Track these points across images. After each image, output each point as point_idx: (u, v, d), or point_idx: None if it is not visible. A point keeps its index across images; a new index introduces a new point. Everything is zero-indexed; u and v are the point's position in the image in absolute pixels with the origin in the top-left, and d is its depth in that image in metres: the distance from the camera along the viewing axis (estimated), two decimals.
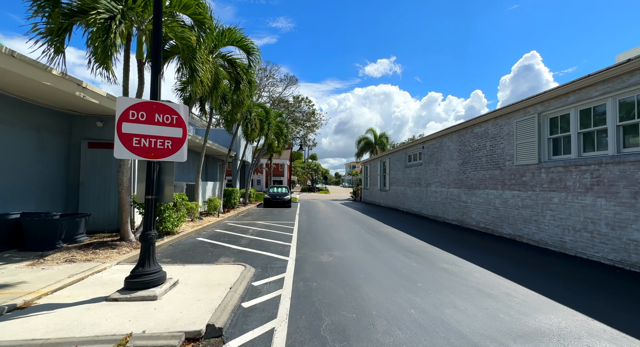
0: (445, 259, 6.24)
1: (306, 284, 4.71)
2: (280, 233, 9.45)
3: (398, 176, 17.81)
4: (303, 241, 8.29)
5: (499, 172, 8.55)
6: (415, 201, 14.96)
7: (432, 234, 9.54)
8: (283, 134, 20.12)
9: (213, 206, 12.36)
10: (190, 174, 16.42)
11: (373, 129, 36.39)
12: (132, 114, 3.94)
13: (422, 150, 14.24)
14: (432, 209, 13.07)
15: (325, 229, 10.38)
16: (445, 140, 11.92)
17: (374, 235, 9.29)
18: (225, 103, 10.60)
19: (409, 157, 16.48)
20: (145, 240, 3.93)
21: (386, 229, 10.42)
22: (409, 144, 16.08)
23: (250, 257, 6.33)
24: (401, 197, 17.21)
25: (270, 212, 16.24)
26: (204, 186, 13.29)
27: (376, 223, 12.07)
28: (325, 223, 12.06)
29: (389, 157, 19.62)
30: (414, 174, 15.29)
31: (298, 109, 28.76)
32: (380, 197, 21.69)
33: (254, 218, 13.30)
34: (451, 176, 11.38)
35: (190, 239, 8.17)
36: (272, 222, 11.87)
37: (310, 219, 13.17)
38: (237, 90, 8.24)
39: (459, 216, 10.79)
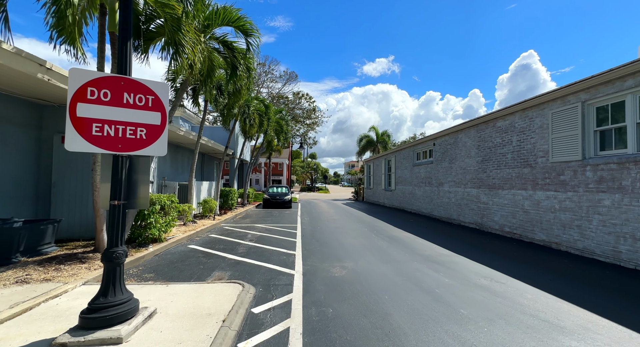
0: (479, 273, 5.29)
1: (320, 310, 3.75)
2: (283, 239, 8.48)
3: (405, 175, 16.87)
4: (309, 248, 7.33)
5: (529, 170, 7.62)
6: (425, 202, 14.03)
7: (451, 239, 8.60)
8: (283, 131, 19.14)
9: (208, 208, 11.38)
10: (185, 173, 15.41)
11: (375, 127, 35.46)
12: (90, 92, 2.96)
13: (433, 148, 13.30)
14: (445, 211, 12.14)
15: (331, 234, 9.42)
16: (460, 136, 10.98)
17: (387, 240, 8.34)
18: (221, 95, 9.62)
19: (417, 155, 15.53)
20: (109, 259, 2.95)
21: (399, 233, 9.48)
22: (417, 141, 15.14)
23: (249, 270, 5.36)
24: (409, 197, 16.27)
25: (270, 213, 15.27)
26: (199, 186, 12.30)
27: (386, 226, 11.12)
28: (330, 226, 11.11)
29: (395, 155, 18.68)
30: (423, 172, 14.35)
31: (298, 106, 27.72)
32: (384, 197, 20.75)
33: (253, 220, 12.33)
34: (468, 175, 10.44)
35: (181, 246, 7.18)
36: (272, 226, 10.90)
37: (313, 222, 12.21)
38: (233, 76, 7.27)
39: (478, 219, 9.85)
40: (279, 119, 18.80)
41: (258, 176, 57.48)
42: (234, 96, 8.89)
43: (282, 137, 19.21)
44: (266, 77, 26.47)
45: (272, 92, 27.02)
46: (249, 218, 13.19)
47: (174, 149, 13.94)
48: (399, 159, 17.94)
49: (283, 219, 12.91)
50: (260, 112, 12.82)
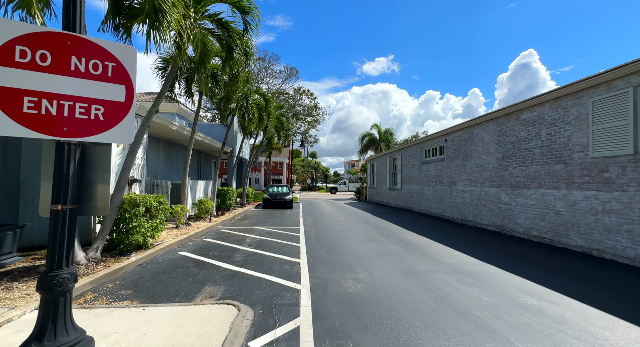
0: (522, 288, 4.45)
1: (336, 343, 2.91)
2: (285, 243, 7.65)
3: (412, 174, 16.03)
4: (315, 254, 6.50)
5: (563, 167, 6.78)
6: (436, 202, 13.20)
7: (471, 244, 7.77)
8: (284, 128, 18.29)
9: (204, 209, 10.54)
10: (181, 172, 14.56)
11: (377, 125, 34.61)
12: (21, 52, 2.11)
13: (445, 144, 12.46)
14: (458, 212, 11.30)
15: (338, 237, 8.59)
16: (477, 130, 10.14)
17: (400, 245, 7.51)
18: (217, 85, 8.77)
19: (426, 152, 14.69)
20: (47, 287, 2.11)
21: (411, 237, 8.64)
22: (426, 138, 14.30)
23: (247, 284, 4.53)
24: (416, 197, 15.44)
25: (271, 214, 14.43)
26: (194, 186, 11.45)
27: (395, 228, 10.28)
28: (335, 228, 10.28)
29: (401, 153, 17.84)
30: (433, 171, 13.52)
31: (299, 103, 26.85)
32: (390, 197, 19.92)
33: (252, 222, 11.49)
34: (486, 173, 9.60)
35: (170, 253, 6.34)
36: (273, 228, 10.07)
37: (317, 223, 11.38)
38: (229, 60, 6.41)
39: (498, 221, 9.02)
40: (279, 115, 17.96)
41: (258, 175, 56.63)
42: (231, 85, 8.03)
43: (283, 134, 18.37)
44: (266, 73, 25.63)
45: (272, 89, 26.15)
46: (248, 219, 12.36)
47: (167, 146, 13.10)
48: (406, 157, 17.10)
49: (284, 221, 12.08)
50: (259, 106, 11.99)
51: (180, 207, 8.58)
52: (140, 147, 7.81)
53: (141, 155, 7.83)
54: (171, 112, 19.43)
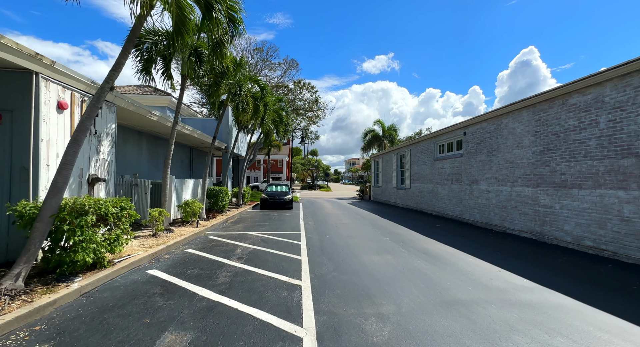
0: (628, 336, 3.07)
1: None
2: (283, 255, 6.28)
3: (424, 171, 14.64)
4: (320, 272, 5.13)
5: (633, 161, 5.39)
6: (452, 203, 11.81)
7: (512, 258, 6.40)
8: (283, 122, 16.88)
9: (190, 212, 9.16)
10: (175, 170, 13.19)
11: (381, 120, 33.18)
12: None
13: (464, 138, 11.05)
14: (481, 214, 9.92)
15: (345, 246, 7.22)
16: (506, 120, 8.73)
17: (423, 258, 6.13)
18: (201, 64, 7.36)
19: (440, 148, 13.29)
20: None
21: (433, 246, 7.27)
22: (440, 131, 12.89)
23: (226, 329, 3.16)
24: (428, 197, 14.05)
25: (269, 216, 13.06)
26: (180, 185, 10.06)
27: (410, 234, 8.91)
28: (341, 234, 8.91)
29: (410, 149, 16.43)
30: (449, 168, 12.12)
31: (299, 96, 25.34)
32: (397, 197, 18.54)
33: (247, 226, 10.12)
34: (519, 170, 8.21)
35: (135, 273, 4.97)
36: (270, 234, 8.70)
37: (320, 227, 10.01)
38: (207, 20, 4.98)
39: (535, 226, 7.64)
40: (278, 108, 16.55)
41: (257, 174, 55.28)
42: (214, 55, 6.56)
43: (282, 129, 16.96)
44: (264, 65, 24.14)
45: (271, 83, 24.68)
46: (243, 223, 10.98)
47: (153, 141, 11.70)
48: (416, 153, 15.69)
49: (283, 224, 10.71)
50: (255, 96, 10.59)
51: (158, 211, 7.20)
52: (107, 139, 6.42)
53: (108, 149, 6.44)
54: (162, 106, 18.07)
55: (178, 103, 7.79)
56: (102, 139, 6.25)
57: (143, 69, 7.30)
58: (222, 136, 17.65)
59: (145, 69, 7.27)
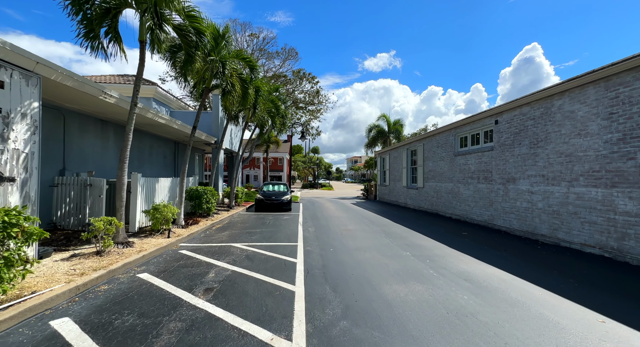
0: None
1: None
2: (270, 285, 4.46)
3: (440, 168, 12.76)
4: (323, 324, 3.31)
5: None
6: (479, 205, 9.94)
7: (604, 291, 4.55)
8: (280, 113, 15.01)
9: (161, 218, 7.35)
10: (145, 168, 11.37)
11: (386, 115, 31.28)
12: None
13: (495, 127, 9.17)
14: (520, 220, 8.05)
15: (357, 267, 5.39)
16: (560, 102, 6.84)
17: (471, 292, 4.29)
18: (162, 25, 5.52)
19: (461, 141, 11.40)
20: None
21: (474, 267, 5.42)
22: (463, 121, 10.99)
23: None
24: (447, 197, 12.18)
25: (263, 220, 11.25)
26: (150, 185, 8.24)
27: (435, 246, 7.07)
28: (348, 246, 7.08)
29: (423, 144, 14.55)
30: (474, 164, 10.24)
31: (299, 88, 23.40)
32: (407, 197, 16.68)
33: (233, 235, 8.31)
34: (580, 165, 6.34)
35: (25, 327, 3.15)
36: (259, 247, 6.88)
37: (322, 236, 8.18)
38: None
39: (610, 241, 5.76)
40: (275, 98, 14.68)
41: (256, 172, 53.51)
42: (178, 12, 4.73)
43: (279, 121, 15.10)
44: (260, 54, 22.19)
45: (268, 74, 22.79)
46: (230, 230, 9.18)
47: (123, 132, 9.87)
48: (430, 148, 13.81)
49: (278, 231, 8.89)
50: (242, 77, 8.76)
51: (105, 220, 5.38)
52: (24, 122, 4.60)
53: (25, 137, 4.62)
54: (147, 97, 16.29)
55: (137, 78, 5.96)
56: (14, 122, 4.43)
57: (86, 33, 5.46)
58: (212, 130, 15.84)
59: (88, 33, 5.43)
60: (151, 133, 11.67)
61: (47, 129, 6.92)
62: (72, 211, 7.11)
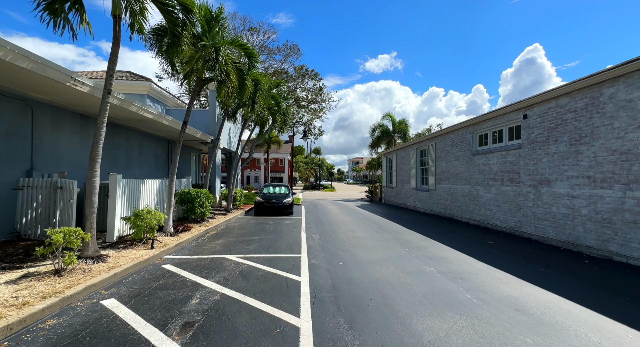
0: None
1: None
2: (268, 317, 3.46)
3: (455, 169, 11.74)
4: None
5: None
6: (503, 210, 8.90)
7: None
8: (281, 111, 14.04)
9: (144, 226, 6.35)
10: (134, 168, 10.39)
11: (391, 114, 30.25)
12: None
13: (523, 122, 8.15)
14: (557, 229, 7.01)
15: (376, 290, 4.37)
16: (612, 90, 5.80)
17: (533, 330, 3.26)
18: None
19: (480, 139, 10.38)
20: None
21: (524, 292, 4.40)
22: (483, 116, 9.96)
23: None
24: (463, 201, 11.15)
25: (262, 225, 10.25)
26: (133, 188, 7.26)
27: (465, 260, 6.05)
28: (360, 259, 6.05)
29: (436, 142, 13.52)
30: (497, 164, 9.22)
31: (301, 85, 22.38)
32: (417, 200, 15.64)
33: (229, 244, 7.31)
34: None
35: None
36: (257, 259, 5.86)
37: (328, 246, 7.16)
38: None
39: None
40: (276, 94, 13.70)
41: (257, 173, 52.57)
42: None
43: (280, 118, 14.12)
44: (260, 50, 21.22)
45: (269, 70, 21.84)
46: (225, 237, 8.19)
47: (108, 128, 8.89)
48: (444, 147, 12.78)
49: (279, 239, 7.89)
50: (238, 65, 7.78)
51: (67, 232, 4.39)
52: None
53: None
54: (140, 94, 15.40)
55: (110, 60, 4.99)
56: None
57: (48, 4, 4.49)
58: (209, 128, 14.89)
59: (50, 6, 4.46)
60: (141, 130, 10.71)
61: (9, 123, 5.95)
62: (40, 218, 6.13)
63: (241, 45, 7.99)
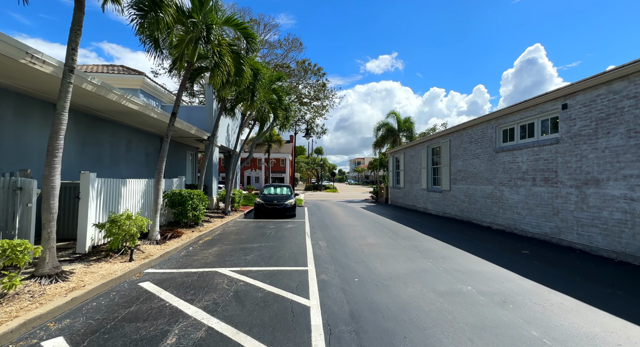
0: None
1: None
2: None
3: (475, 168, 10.71)
4: None
5: None
6: (536, 214, 7.86)
7: None
8: (283, 105, 13.03)
9: (122, 235, 5.34)
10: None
11: (396, 112, 29.23)
12: None
13: (561, 113, 7.11)
14: (608, 237, 5.98)
15: (405, 317, 3.34)
16: None
17: None
18: None
19: (505, 134, 9.34)
20: None
21: (604, 327, 3.37)
22: (508, 110, 8.92)
23: None
24: (484, 203, 10.12)
25: (262, 230, 9.24)
26: (112, 189, 6.24)
27: (504, 276, 5.02)
28: (378, 272, 5.02)
29: (450, 139, 12.49)
30: (527, 161, 8.18)
31: (303, 81, 21.33)
32: (428, 201, 14.60)
33: (223, 253, 6.30)
34: None
35: None
36: (255, 274, 4.84)
37: (339, 256, 6.13)
38: None
39: None
40: (278, 88, 12.70)
41: (258, 173, 51.58)
42: None
43: (282, 114, 13.11)
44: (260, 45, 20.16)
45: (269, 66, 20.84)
46: (220, 245, 7.18)
47: (88, 121, 7.88)
48: (460, 144, 11.75)
49: (281, 248, 6.86)
50: (234, 48, 6.76)
51: (6, 246, 3.37)
52: None
53: None
54: (133, 88, 14.43)
55: (72, 29, 3.98)
56: None
57: None
58: (205, 125, 13.89)
59: None
60: (128, 125, 9.72)
61: None
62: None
63: (237, 24, 6.95)
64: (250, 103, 9.98)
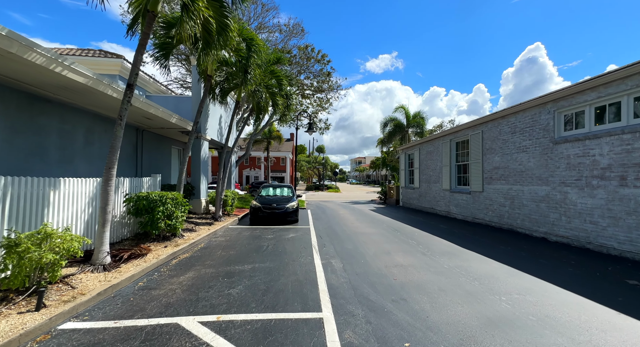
0: None
1: None
2: None
3: (519, 164, 8.71)
4: None
5: None
6: (626, 225, 5.86)
7: None
8: (284, 91, 11.02)
9: (27, 266, 3.32)
10: (62, 163, 7.36)
11: (404, 106, 27.25)
12: None
13: None
14: None
15: None
16: None
17: None
18: None
19: (567, 121, 7.32)
20: None
21: None
22: (572, 89, 6.90)
23: None
24: (534, 207, 8.13)
25: (258, 242, 7.22)
26: (28, 192, 4.20)
27: None
28: (439, 327, 2.98)
29: (482, 130, 10.48)
30: (610, 154, 6.17)
31: (305, 69, 19.28)
32: (451, 203, 12.59)
33: (197, 286, 4.27)
34: None
35: None
36: (238, 336, 2.85)
37: (364, 288, 4.12)
38: None
39: None
40: (277, 69, 10.67)
41: (257, 173, 49.56)
42: None
43: (282, 101, 11.10)
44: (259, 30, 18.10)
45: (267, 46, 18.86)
46: (198, 268, 5.17)
47: (23, 103, 5.88)
48: (496, 136, 9.74)
49: (280, 274, 4.82)
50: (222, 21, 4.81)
51: None
52: None
53: None
54: (111, 74, 12.49)
55: None
56: None
57: None
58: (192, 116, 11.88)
59: None
60: (86, 109, 7.70)
61: None
62: None
63: None
64: (243, 83, 7.96)
